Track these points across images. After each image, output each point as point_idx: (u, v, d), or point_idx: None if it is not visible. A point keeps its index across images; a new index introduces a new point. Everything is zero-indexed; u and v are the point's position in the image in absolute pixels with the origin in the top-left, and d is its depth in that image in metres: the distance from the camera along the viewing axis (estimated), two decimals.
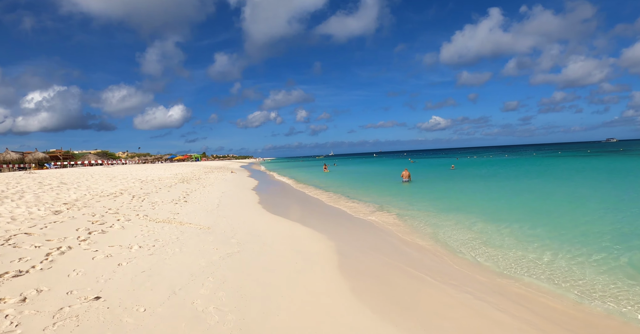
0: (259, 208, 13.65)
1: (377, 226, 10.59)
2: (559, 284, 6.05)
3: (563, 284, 6.04)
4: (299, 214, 12.73)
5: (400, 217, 11.80)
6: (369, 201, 15.74)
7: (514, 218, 11.00)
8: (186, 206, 12.03)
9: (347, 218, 12.02)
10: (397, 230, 10.09)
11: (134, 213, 9.79)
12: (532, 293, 5.78)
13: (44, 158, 64.14)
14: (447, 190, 19.89)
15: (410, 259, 7.50)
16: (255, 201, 15.85)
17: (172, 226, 8.69)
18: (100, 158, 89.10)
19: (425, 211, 12.77)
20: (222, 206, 13.06)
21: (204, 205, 12.74)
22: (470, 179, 26.39)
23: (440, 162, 63.81)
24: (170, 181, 21.03)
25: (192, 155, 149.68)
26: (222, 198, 15.22)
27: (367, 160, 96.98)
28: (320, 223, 10.94)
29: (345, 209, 13.73)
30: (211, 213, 11.19)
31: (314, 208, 14.35)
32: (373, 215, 12.37)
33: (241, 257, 6.63)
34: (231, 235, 8.37)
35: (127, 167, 59.26)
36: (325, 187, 23.55)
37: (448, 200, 15.79)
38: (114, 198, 12.34)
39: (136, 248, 6.55)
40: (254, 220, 10.88)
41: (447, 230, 9.89)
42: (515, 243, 8.40)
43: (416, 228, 10.17)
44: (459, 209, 13.11)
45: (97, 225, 8.02)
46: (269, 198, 17.29)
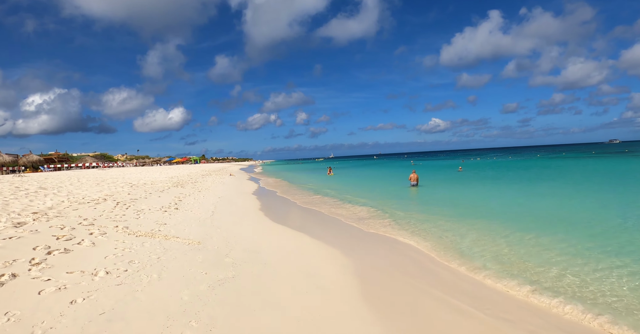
0: (259, 216, 12.24)
1: (394, 238, 9.17)
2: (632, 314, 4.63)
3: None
4: (304, 222, 11.32)
5: (417, 226, 10.39)
6: (380, 207, 14.34)
7: (540, 227, 9.62)
8: (176, 215, 10.61)
9: (359, 227, 10.61)
10: (417, 243, 8.67)
11: (113, 225, 8.37)
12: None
13: (39, 160, 62.61)
14: (460, 194, 18.51)
15: (442, 282, 6.10)
16: (255, 207, 14.44)
17: (155, 241, 7.28)
18: (97, 160, 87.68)
19: (442, 218, 11.36)
20: (218, 214, 11.65)
21: (196, 213, 11.33)
22: (480, 182, 25.02)
23: (443, 163, 62.46)
24: (164, 185, 19.62)
25: (191, 157, 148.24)
26: (218, 205, 13.80)
27: (368, 163, 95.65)
28: (329, 234, 9.53)
29: (355, 217, 12.33)
30: (204, 223, 9.77)
31: (320, 215, 12.93)
32: (387, 223, 10.96)
33: (236, 285, 5.22)
34: (225, 252, 6.96)
35: (122, 169, 57.77)
36: (331, 191, 22.14)
37: (463, 205, 14.41)
38: (95, 206, 10.92)
39: (102, 274, 5.14)
40: (253, 231, 9.47)
41: (471, 241, 8.48)
42: (557, 258, 6.98)
43: (438, 240, 8.75)
44: (477, 216, 11.74)
45: (62, 241, 6.60)
46: (270, 204, 15.88)
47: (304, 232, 9.70)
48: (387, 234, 9.63)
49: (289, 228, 10.21)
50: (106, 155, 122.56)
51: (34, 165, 60.97)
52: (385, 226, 10.53)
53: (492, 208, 13.48)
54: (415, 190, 22.04)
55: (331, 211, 13.72)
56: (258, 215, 12.50)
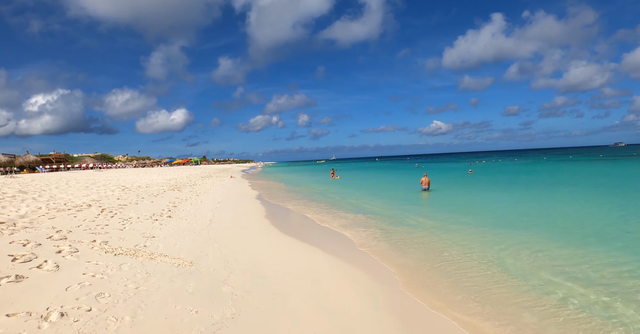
0: (264, 225, 10.87)
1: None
2: None
3: None
4: (315, 233, 9.94)
5: (445, 239, 9.00)
6: (395, 214, 12.97)
7: (583, 237, 8.23)
8: (168, 225, 9.24)
9: (383, 239, 9.22)
10: (452, 259, 7.29)
11: (90, 239, 7.00)
12: None
13: (35, 161, 61.44)
14: (478, 200, 17.13)
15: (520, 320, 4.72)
16: (259, 214, 13.07)
17: (137, 261, 5.91)
18: (97, 161, 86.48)
19: (472, 229, 9.97)
20: (216, 223, 10.28)
21: (192, 222, 9.97)
22: (495, 186, 23.62)
23: (449, 166, 61.05)
24: (159, 188, 18.26)
25: (192, 159, 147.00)
26: (216, 211, 12.43)
27: (371, 165, 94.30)
28: (346, 248, 8.16)
29: (375, 226, 10.94)
30: (199, 235, 8.40)
31: (336, 224, 11.55)
32: (407, 232, 9.57)
33: (237, 332, 3.85)
34: (223, 277, 5.60)
35: (120, 171, 56.51)
36: (338, 196, 20.77)
37: (486, 212, 13.08)
38: (76, 213, 9.56)
39: (55, 317, 3.77)
40: (257, 244, 8.10)
41: (515, 257, 7.09)
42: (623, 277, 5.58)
43: (478, 256, 7.36)
44: (507, 225, 10.42)
45: (19, 263, 5.24)
46: (275, 211, 14.49)
47: (316, 246, 8.32)
48: (411, 244, 8.25)
49: (298, 241, 8.83)
50: (106, 156, 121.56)
51: (30, 166, 59.79)
52: (404, 232, 9.13)
53: (520, 215, 12.09)
54: (427, 195, 20.69)
55: (348, 218, 12.34)
56: (262, 223, 11.13)
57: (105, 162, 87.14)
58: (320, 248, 8.09)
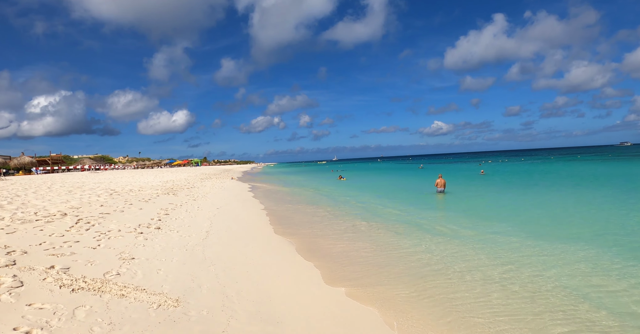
0: (271, 238, 9.20)
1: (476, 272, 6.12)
2: None
3: None
4: (338, 250, 8.25)
5: (493, 256, 7.32)
6: (419, 223, 11.31)
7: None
8: (155, 240, 7.58)
9: (426, 257, 7.54)
10: (522, 290, 5.61)
11: (47, 264, 5.35)
12: None
13: (31, 163, 59.83)
14: (503, 204, 15.47)
15: None
16: (264, 223, 11.40)
17: (101, 302, 4.25)
18: (96, 163, 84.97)
19: (516, 241, 8.30)
20: (214, 235, 8.62)
21: (185, 235, 8.31)
22: (516, 188, 21.90)
23: (455, 167, 59.36)
24: (152, 192, 16.60)
25: (192, 160, 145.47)
26: (215, 220, 10.77)
27: (374, 166, 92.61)
28: (384, 273, 6.49)
29: (407, 235, 9.27)
30: (192, 254, 6.74)
31: (356, 237, 9.87)
32: (446, 245, 7.89)
33: None
34: (220, 325, 3.94)
35: (117, 172, 54.87)
36: (351, 199, 19.12)
37: (519, 218, 11.52)
38: (44, 225, 7.91)
39: None
40: (264, 267, 6.44)
41: (594, 284, 5.42)
42: None
43: (553, 285, 5.68)
44: (549, 235, 8.78)
45: None
46: (283, 218, 12.81)
47: (342, 271, 6.66)
48: (457, 262, 6.58)
49: (317, 263, 7.17)
50: (106, 157, 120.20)
51: (25, 168, 58.21)
52: (444, 245, 7.46)
53: (558, 222, 10.42)
54: (444, 197, 19.07)
55: (365, 227, 10.67)
56: (269, 236, 9.45)
57: (104, 164, 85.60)
58: (349, 274, 6.41)
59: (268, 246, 8.14)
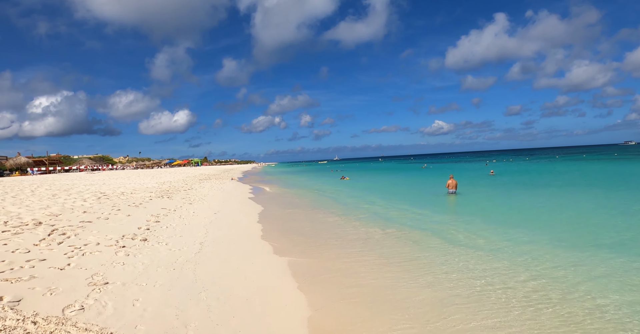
0: (277, 255, 8.06)
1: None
2: None
3: None
4: (360, 269, 7.10)
5: (520, 269, 6.17)
6: (440, 229, 10.17)
7: None
8: (139, 255, 6.44)
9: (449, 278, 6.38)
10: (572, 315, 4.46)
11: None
12: None
13: (27, 163, 58.73)
14: (523, 207, 14.27)
15: None
16: (266, 231, 10.25)
17: None
18: (95, 163, 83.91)
19: (538, 248, 7.15)
20: (209, 247, 7.49)
21: (175, 248, 7.16)
22: (528, 189, 20.65)
23: (463, 166, 58.15)
24: (145, 195, 15.46)
25: (192, 160, 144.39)
26: (211, 228, 9.63)
27: (376, 166, 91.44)
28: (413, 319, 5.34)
29: (427, 247, 8.13)
30: (180, 275, 5.60)
31: (379, 251, 8.71)
32: (468, 257, 6.76)
33: None
34: None
35: (114, 172, 53.76)
36: (358, 202, 17.99)
37: (546, 223, 10.40)
38: (10, 238, 6.77)
39: None
40: (269, 292, 5.31)
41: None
42: None
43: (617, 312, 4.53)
44: (572, 241, 7.61)
45: None
46: (289, 225, 11.68)
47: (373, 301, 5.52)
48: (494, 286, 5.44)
49: (335, 290, 6.03)
50: (105, 157, 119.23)
51: (22, 168, 57.14)
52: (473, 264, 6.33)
53: (584, 227, 9.26)
54: (456, 199, 17.95)
55: (380, 236, 9.52)
56: (272, 248, 8.31)
57: (102, 164, 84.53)
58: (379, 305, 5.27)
59: (271, 263, 7.00)
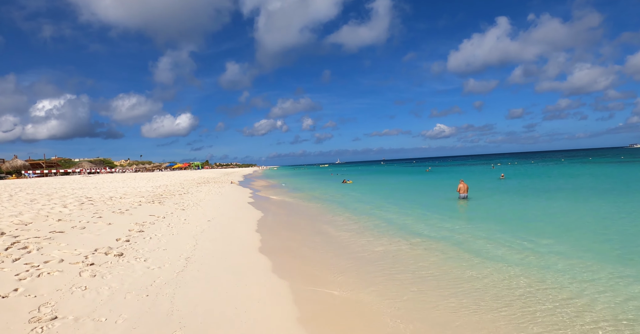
0: (278, 274, 6.91)
1: None
2: None
3: None
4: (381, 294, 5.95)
5: (565, 288, 5.03)
6: (457, 238, 9.01)
7: None
8: (107, 277, 5.31)
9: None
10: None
11: None
12: None
13: (23, 166, 57.81)
14: (541, 214, 13.08)
15: None
16: (266, 242, 9.10)
17: None
18: (95, 166, 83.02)
19: (576, 263, 6.00)
20: (196, 264, 6.35)
21: (152, 266, 6.02)
22: (543, 194, 19.45)
23: (469, 169, 56.90)
24: (135, 200, 14.34)
25: (193, 163, 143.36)
26: (202, 239, 8.49)
27: (378, 169, 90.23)
28: None
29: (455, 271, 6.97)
30: (153, 306, 4.46)
31: (400, 267, 7.56)
32: (503, 273, 5.61)
33: None
34: None
35: (111, 176, 52.72)
36: (366, 207, 16.85)
37: (567, 232, 9.27)
38: None
39: None
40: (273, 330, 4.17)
41: None
42: None
43: None
44: (610, 255, 6.45)
45: None
46: (290, 236, 10.55)
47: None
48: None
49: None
50: (105, 161, 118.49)
51: (18, 171, 56.22)
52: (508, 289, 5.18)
53: (620, 238, 8.10)
54: (466, 204, 16.88)
55: (408, 252, 8.37)
56: (271, 266, 7.16)
57: (100, 167, 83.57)
58: None
59: (269, 288, 5.86)
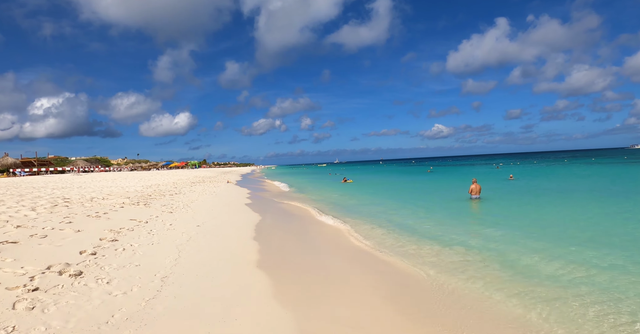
0: (276, 299, 5.57)
1: None
2: None
3: None
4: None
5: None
6: (491, 247, 7.69)
7: None
8: (50, 309, 3.95)
9: None
10: None
11: None
12: None
13: (14, 164, 56.17)
14: (569, 217, 11.76)
15: None
16: (263, 254, 7.74)
17: None
18: (89, 164, 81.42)
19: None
20: (172, 286, 4.99)
21: (116, 292, 4.66)
22: (563, 195, 18.17)
23: (469, 170, 55.67)
24: (118, 201, 12.93)
25: (190, 162, 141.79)
26: (186, 250, 7.11)
27: (378, 169, 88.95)
28: None
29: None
30: None
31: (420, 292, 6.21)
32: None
33: None
34: None
35: (101, 174, 51.13)
36: (374, 210, 15.55)
37: (610, 239, 7.83)
38: None
39: None
40: None
41: None
42: None
43: None
44: None
45: None
46: (293, 254, 9.20)
47: None
48: None
49: None
50: (101, 159, 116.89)
51: (8, 169, 54.62)
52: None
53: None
54: (479, 205, 15.70)
55: (439, 266, 7.03)
56: (269, 286, 5.80)
57: (94, 165, 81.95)
58: None
59: (269, 319, 4.50)
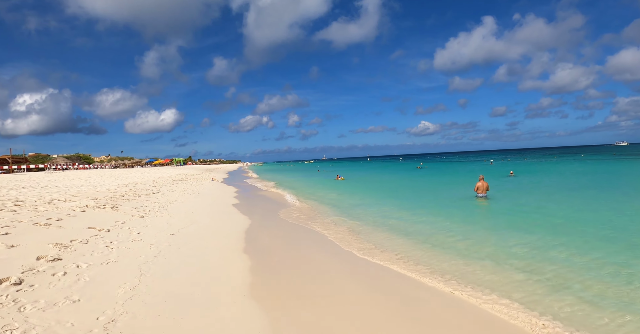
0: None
1: None
2: None
3: None
4: None
5: None
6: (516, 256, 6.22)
7: None
8: None
9: None
10: None
11: None
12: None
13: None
14: (589, 217, 10.44)
15: None
16: (255, 273, 6.08)
17: None
18: (70, 162, 78.07)
19: None
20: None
21: None
22: (573, 193, 16.94)
23: (462, 167, 54.82)
24: (81, 203, 11.04)
25: (174, 159, 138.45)
26: (149, 272, 5.39)
27: (366, 166, 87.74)
28: None
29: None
30: None
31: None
32: None
33: None
34: None
35: (77, 172, 48.40)
36: (372, 211, 14.01)
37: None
38: None
39: None
40: None
41: None
42: None
43: None
44: None
45: None
46: (296, 274, 7.55)
47: None
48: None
49: None
50: (83, 156, 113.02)
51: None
52: None
53: None
54: (487, 204, 14.43)
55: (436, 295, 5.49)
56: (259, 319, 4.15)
57: (74, 163, 78.55)
58: None
59: None
